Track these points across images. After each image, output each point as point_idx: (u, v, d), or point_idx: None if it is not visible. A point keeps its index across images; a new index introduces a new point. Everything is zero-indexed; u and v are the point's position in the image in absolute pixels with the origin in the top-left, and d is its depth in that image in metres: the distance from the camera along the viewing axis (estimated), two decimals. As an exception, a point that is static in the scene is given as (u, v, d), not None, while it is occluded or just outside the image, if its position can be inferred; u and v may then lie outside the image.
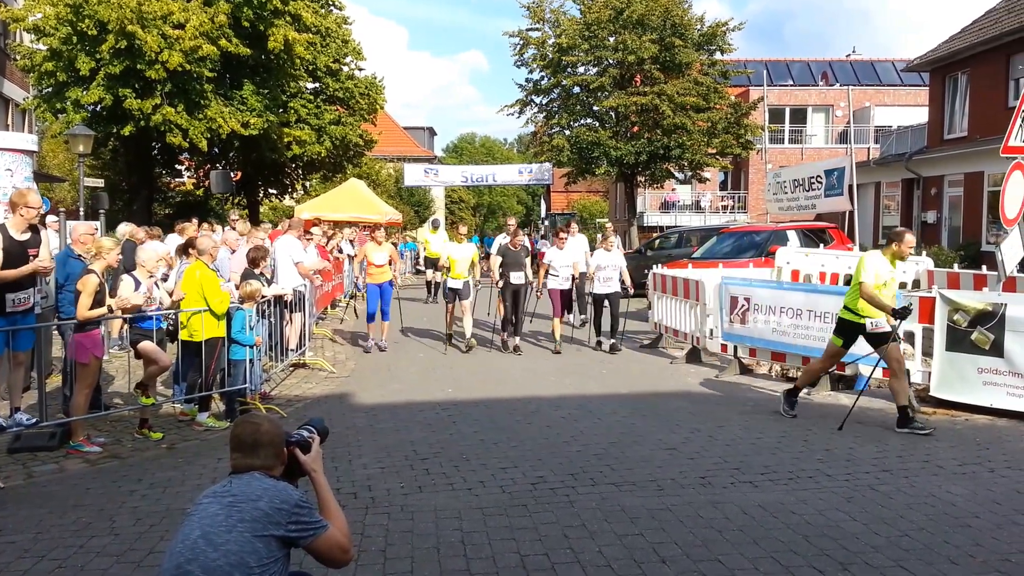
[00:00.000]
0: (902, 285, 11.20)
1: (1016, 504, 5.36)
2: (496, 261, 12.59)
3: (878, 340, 7.36)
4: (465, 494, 5.57)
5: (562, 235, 12.95)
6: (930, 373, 8.21)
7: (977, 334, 7.78)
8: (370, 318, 12.43)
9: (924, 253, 15.09)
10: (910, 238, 7.43)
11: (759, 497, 5.53)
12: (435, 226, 20.57)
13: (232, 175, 24.87)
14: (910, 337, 8.64)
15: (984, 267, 11.85)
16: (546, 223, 43.19)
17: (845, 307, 7.54)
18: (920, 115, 28.31)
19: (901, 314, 7.16)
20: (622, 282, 12.12)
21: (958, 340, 7.90)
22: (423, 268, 31.38)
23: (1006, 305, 7.64)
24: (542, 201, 54.05)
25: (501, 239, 15.77)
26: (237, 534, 2.66)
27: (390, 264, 12.48)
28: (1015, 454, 6.51)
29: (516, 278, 12.11)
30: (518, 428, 7.52)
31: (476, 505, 5.36)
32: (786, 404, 7.92)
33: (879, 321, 7.24)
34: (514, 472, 6.12)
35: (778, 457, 6.46)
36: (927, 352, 8.40)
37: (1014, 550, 4.59)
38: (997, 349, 7.61)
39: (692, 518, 5.12)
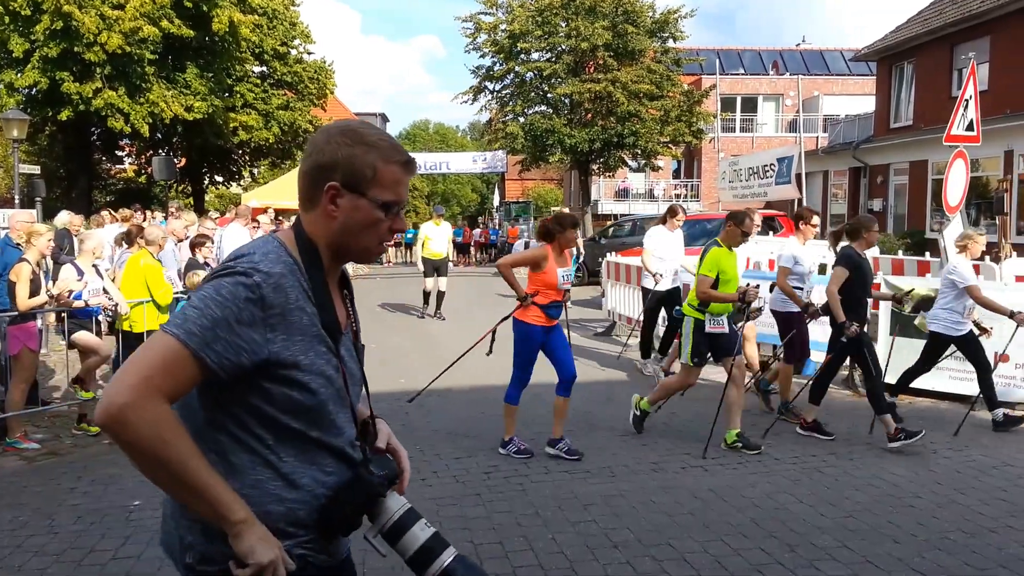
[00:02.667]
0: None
1: (956, 484, 5.49)
2: (654, 260, 9.48)
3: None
4: (418, 484, 5.51)
5: (677, 219, 9.71)
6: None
7: (920, 319, 7.94)
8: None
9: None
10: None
11: (710, 481, 5.58)
12: (439, 215, 15.20)
13: (175, 161, 24.33)
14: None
15: (928, 254, 12.11)
16: (500, 211, 43.17)
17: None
18: (867, 104, 28.83)
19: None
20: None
21: (902, 325, 8.06)
22: (412, 262, 31.05)
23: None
24: (496, 189, 53.98)
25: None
26: None
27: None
28: (955, 438, 6.67)
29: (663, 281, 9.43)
30: (472, 418, 7.48)
31: (429, 496, 5.31)
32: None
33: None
34: (468, 462, 6.08)
35: (728, 442, 6.52)
36: (872, 337, 8.55)
37: (954, 528, 4.70)
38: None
39: (644, 503, 5.15)
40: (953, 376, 7.72)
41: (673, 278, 9.43)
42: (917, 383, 7.88)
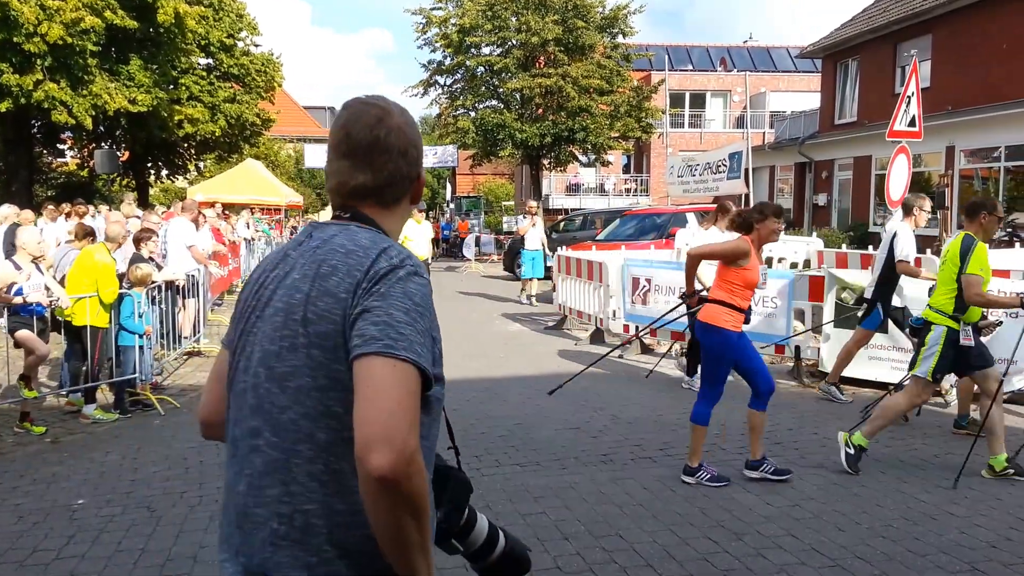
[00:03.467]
0: (792, 265, 11.66)
1: (899, 472, 5.64)
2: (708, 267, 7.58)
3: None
4: (367, 479, 5.48)
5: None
6: (820, 349, 8.55)
7: (862, 311, 8.11)
8: None
9: (815, 234, 15.70)
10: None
11: (658, 472, 5.65)
12: (420, 211, 13.94)
13: (119, 154, 23.76)
14: (800, 315, 8.99)
15: (871, 247, 12.40)
16: (451, 206, 43.02)
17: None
18: (813, 100, 29.41)
19: None
20: None
21: (846, 317, 8.24)
22: None
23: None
24: (447, 184, 53.78)
25: (522, 222, 14.26)
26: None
27: None
28: (897, 425, 6.84)
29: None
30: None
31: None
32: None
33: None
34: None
35: (677, 433, 6.60)
36: (816, 329, 8.73)
37: (897, 516, 4.82)
38: (882, 325, 7.95)
39: (594, 495, 5.19)
40: (895, 366, 7.91)
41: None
42: (859, 373, 8.07)
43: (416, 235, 11.82)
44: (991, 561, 4.18)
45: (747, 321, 5.34)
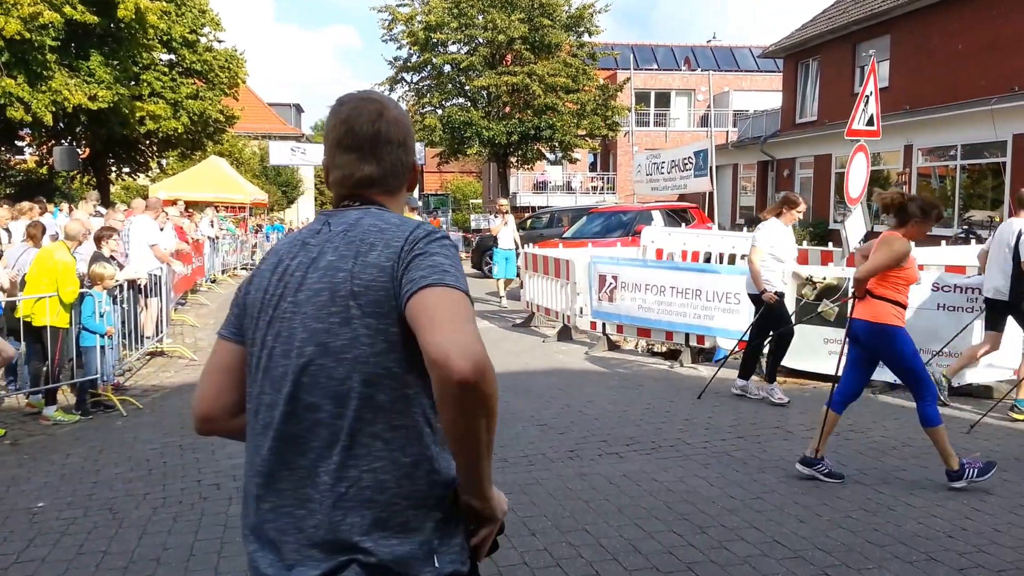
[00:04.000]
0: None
1: (858, 464, 5.75)
2: (772, 261, 7.46)
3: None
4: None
5: (798, 210, 7.68)
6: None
7: (824, 307, 8.27)
8: None
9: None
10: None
11: (624, 467, 5.71)
12: (412, 207, 13.40)
13: (79, 152, 23.33)
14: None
15: (831, 244, 12.60)
16: (419, 204, 42.88)
17: None
18: (775, 100, 29.78)
19: None
20: None
21: (807, 312, 8.38)
22: None
23: (849, 279, 8.14)
24: (414, 181, 53.53)
25: (494, 221, 14.12)
26: None
27: None
28: (857, 418, 6.97)
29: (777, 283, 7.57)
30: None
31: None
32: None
33: None
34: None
35: (642, 428, 6.68)
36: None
37: (856, 507, 4.92)
38: (842, 321, 8.10)
39: (561, 490, 5.23)
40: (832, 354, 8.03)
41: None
42: (821, 369, 8.20)
43: None
44: (948, 551, 4.28)
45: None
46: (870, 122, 10.23)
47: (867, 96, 10.20)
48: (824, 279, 8.47)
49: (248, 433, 1.71)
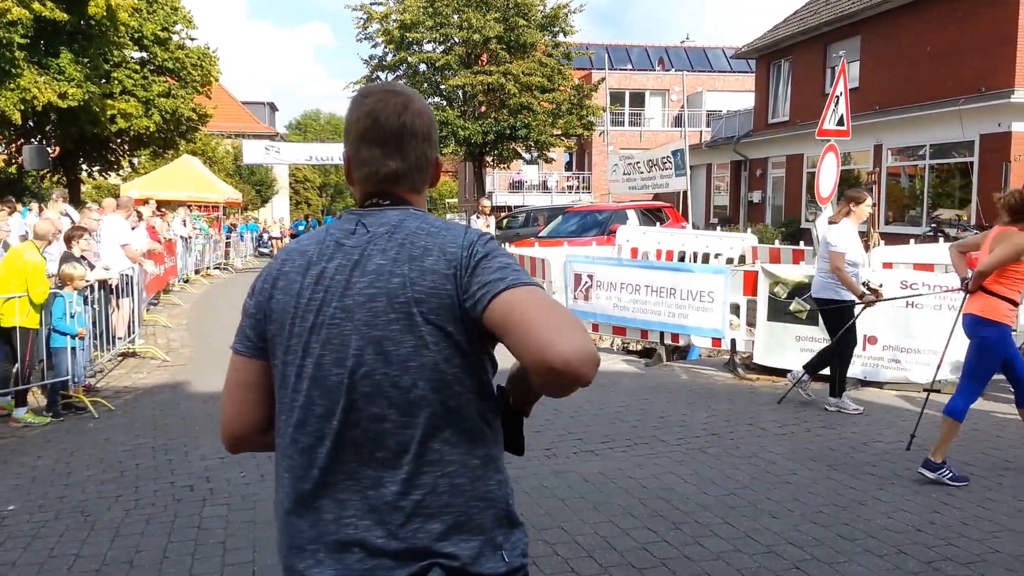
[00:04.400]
0: (728, 260, 11.91)
1: (829, 460, 5.83)
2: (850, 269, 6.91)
3: None
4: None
5: (866, 204, 7.15)
6: (754, 342, 8.77)
7: (795, 305, 8.36)
8: None
9: (750, 230, 16.06)
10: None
11: (599, 465, 5.74)
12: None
13: (49, 150, 23.00)
14: (736, 309, 9.20)
15: (802, 243, 12.75)
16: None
17: None
18: (747, 100, 30.04)
19: None
20: None
21: (778, 311, 8.47)
22: (265, 251, 30.20)
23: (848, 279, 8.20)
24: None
25: (477, 222, 13.94)
26: None
27: None
28: (828, 415, 7.07)
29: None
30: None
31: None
32: None
33: None
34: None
35: (617, 426, 6.72)
36: (751, 322, 8.95)
37: (827, 503, 4.99)
38: (812, 319, 8.20)
39: (537, 489, 5.25)
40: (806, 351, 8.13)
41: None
42: (792, 366, 8.29)
43: None
44: (916, 544, 4.36)
45: None
46: (840, 122, 10.35)
47: (837, 96, 10.32)
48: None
49: (288, 446, 1.63)
